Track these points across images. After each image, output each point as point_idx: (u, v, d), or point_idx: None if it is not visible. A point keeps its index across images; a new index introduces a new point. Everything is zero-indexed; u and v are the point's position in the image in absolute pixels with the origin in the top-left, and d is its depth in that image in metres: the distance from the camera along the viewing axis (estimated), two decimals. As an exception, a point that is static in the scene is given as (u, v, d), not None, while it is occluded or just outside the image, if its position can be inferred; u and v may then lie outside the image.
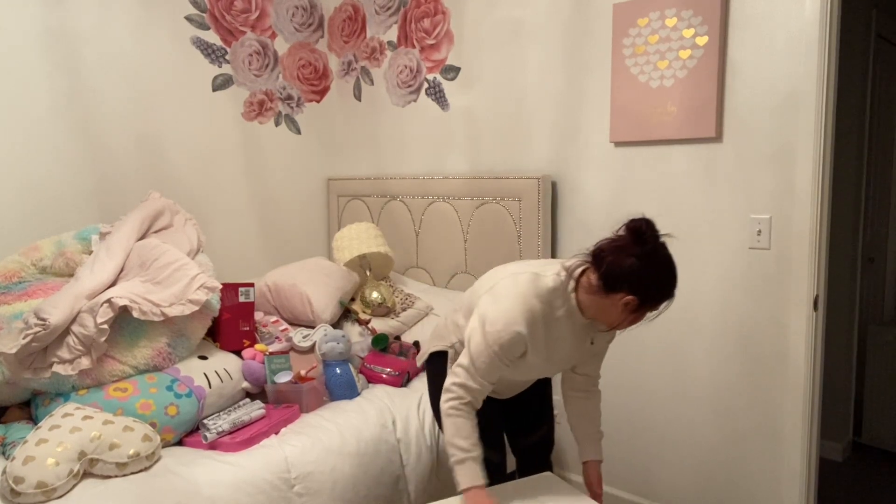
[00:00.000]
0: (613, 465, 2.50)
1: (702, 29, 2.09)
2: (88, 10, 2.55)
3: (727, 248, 2.14)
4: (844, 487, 2.80)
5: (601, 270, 1.45)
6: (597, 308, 1.51)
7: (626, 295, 1.43)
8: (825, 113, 1.93)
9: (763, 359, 2.09)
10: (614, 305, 1.46)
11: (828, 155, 1.96)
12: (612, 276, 1.44)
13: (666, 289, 1.48)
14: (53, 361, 1.81)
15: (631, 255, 1.43)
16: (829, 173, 1.99)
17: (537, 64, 2.56)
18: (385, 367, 2.32)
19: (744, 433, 2.16)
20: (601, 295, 1.47)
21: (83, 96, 2.56)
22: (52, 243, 2.27)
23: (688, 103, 2.14)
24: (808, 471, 2.05)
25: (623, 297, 1.44)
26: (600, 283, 1.46)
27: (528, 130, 2.62)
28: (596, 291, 1.48)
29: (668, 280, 1.47)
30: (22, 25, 2.38)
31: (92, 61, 2.58)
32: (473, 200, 2.74)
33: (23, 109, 2.41)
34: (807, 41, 1.92)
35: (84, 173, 2.58)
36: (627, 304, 1.44)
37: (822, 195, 1.96)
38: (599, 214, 2.44)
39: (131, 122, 2.69)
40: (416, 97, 3.03)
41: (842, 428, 3.08)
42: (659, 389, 2.34)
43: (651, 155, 2.28)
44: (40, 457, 1.56)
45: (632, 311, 1.46)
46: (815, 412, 2.04)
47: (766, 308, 2.08)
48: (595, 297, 1.49)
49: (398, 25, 3.06)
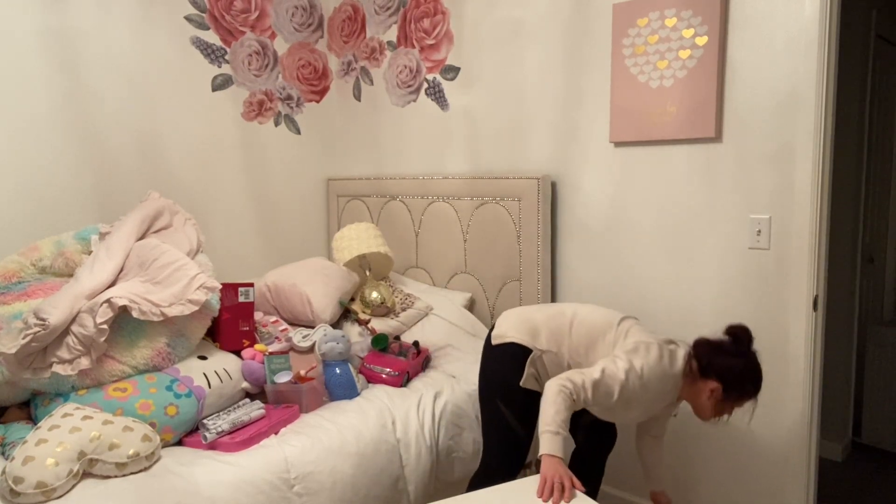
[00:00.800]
0: (613, 465, 2.50)
1: (701, 29, 2.09)
2: (88, 9, 2.55)
3: (727, 248, 2.14)
4: (844, 487, 2.80)
5: (701, 362, 1.69)
6: (688, 390, 1.73)
7: (714, 382, 1.66)
8: (825, 113, 1.93)
9: (763, 359, 2.09)
10: (702, 391, 1.68)
11: (827, 155, 1.96)
12: (710, 365, 1.67)
13: (749, 388, 1.67)
14: (53, 361, 1.81)
15: (730, 353, 1.67)
16: (829, 173, 1.99)
17: (537, 64, 2.56)
18: (385, 367, 2.32)
19: (743, 432, 2.16)
20: (695, 377, 1.70)
21: (82, 96, 2.56)
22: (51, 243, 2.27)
23: (687, 103, 2.14)
24: (808, 470, 2.05)
25: (711, 383, 1.66)
26: (698, 369, 1.69)
27: (528, 130, 2.62)
28: (691, 374, 1.71)
29: (753, 380, 1.67)
30: (21, 25, 2.38)
31: (91, 61, 2.58)
32: (473, 200, 2.74)
33: (22, 109, 2.41)
34: (806, 41, 1.92)
35: (83, 173, 2.58)
36: (713, 392, 1.66)
37: (822, 195, 1.96)
38: (599, 214, 2.44)
39: (131, 122, 2.69)
40: (416, 97, 3.03)
41: (841, 428, 3.08)
42: (659, 389, 2.34)
43: (651, 155, 2.29)
44: (40, 457, 1.56)
45: (717, 400, 1.67)
46: (814, 412, 2.04)
47: (765, 308, 2.08)
48: (689, 379, 1.72)
49: (398, 25, 3.06)
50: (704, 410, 1.71)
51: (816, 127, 1.93)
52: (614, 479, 2.50)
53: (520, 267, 2.60)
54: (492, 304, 2.73)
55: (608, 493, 2.50)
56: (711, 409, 1.69)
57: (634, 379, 1.65)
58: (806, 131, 1.94)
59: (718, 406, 1.69)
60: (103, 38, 2.60)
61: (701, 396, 1.69)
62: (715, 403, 1.68)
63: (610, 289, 2.44)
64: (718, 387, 1.65)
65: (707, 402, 1.68)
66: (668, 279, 2.28)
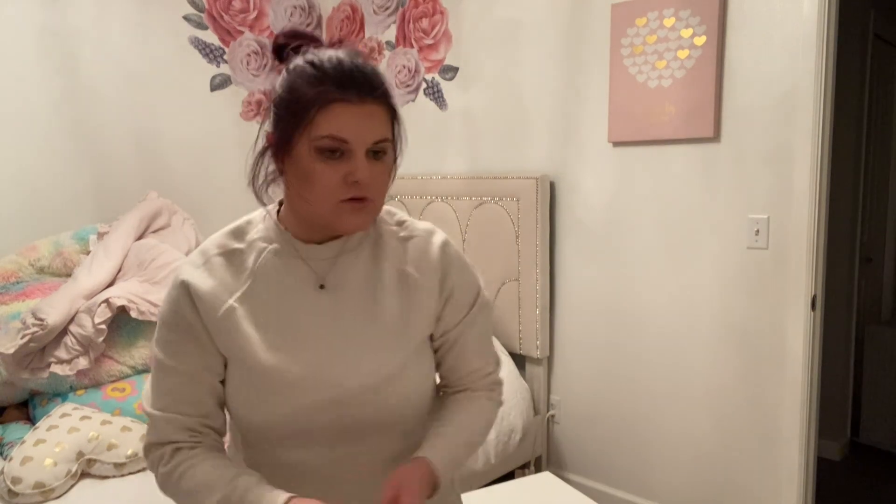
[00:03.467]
0: (612, 465, 2.50)
1: (700, 29, 2.09)
2: (86, 9, 2.55)
3: (725, 248, 2.14)
4: (842, 487, 2.80)
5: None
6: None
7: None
8: (823, 113, 1.93)
9: (761, 358, 2.10)
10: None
11: (825, 155, 1.96)
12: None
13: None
14: (51, 361, 1.81)
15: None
16: (827, 173, 1.99)
17: (535, 64, 2.56)
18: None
19: (742, 433, 2.16)
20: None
21: (81, 96, 2.56)
22: (49, 243, 2.27)
23: (686, 103, 2.14)
24: (806, 470, 2.06)
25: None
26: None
27: (527, 130, 2.62)
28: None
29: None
30: (19, 24, 2.38)
31: (90, 61, 2.57)
32: (472, 200, 2.74)
33: (20, 109, 2.40)
34: (805, 41, 1.92)
35: (82, 173, 2.57)
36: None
37: (820, 195, 1.96)
38: (597, 214, 2.44)
39: (129, 122, 2.69)
40: (415, 97, 3.03)
41: (839, 428, 3.08)
42: (657, 389, 2.34)
43: (649, 155, 2.29)
44: (38, 457, 1.55)
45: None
46: (812, 412, 2.05)
47: (763, 308, 2.08)
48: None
49: (396, 25, 3.06)
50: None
51: (815, 127, 1.93)
52: (614, 479, 2.50)
53: (518, 267, 2.60)
54: (490, 304, 2.73)
55: (608, 493, 2.50)
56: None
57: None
58: (804, 131, 1.95)
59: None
60: (102, 38, 2.60)
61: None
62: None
63: (608, 288, 2.44)
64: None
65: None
66: (667, 279, 2.28)
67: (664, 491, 2.36)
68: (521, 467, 2.58)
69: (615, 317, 2.43)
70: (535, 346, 2.58)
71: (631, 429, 2.43)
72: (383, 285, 0.98)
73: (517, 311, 2.62)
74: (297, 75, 0.87)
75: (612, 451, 2.49)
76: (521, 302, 2.60)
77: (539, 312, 2.55)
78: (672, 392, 2.31)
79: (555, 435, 2.67)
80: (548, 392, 2.66)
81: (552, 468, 2.67)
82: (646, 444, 2.40)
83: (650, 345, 2.35)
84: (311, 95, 0.85)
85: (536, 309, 2.55)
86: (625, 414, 2.44)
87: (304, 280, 0.95)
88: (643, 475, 2.42)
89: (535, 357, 2.60)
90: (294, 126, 0.86)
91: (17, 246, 2.33)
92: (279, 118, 0.88)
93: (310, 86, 0.85)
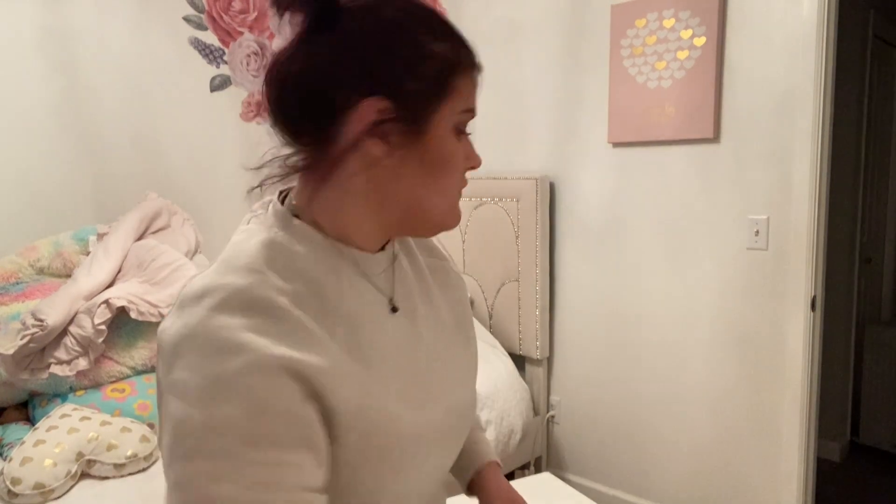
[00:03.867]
0: (612, 465, 2.50)
1: (699, 30, 2.09)
2: (85, 9, 2.55)
3: (725, 248, 2.14)
4: (842, 487, 2.80)
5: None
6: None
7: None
8: (822, 113, 1.93)
9: (761, 359, 2.10)
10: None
11: (825, 155, 1.97)
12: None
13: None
14: (51, 362, 1.81)
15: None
16: (827, 173, 1.99)
17: (535, 64, 2.56)
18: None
19: (741, 433, 2.16)
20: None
21: (80, 96, 2.55)
22: (49, 244, 2.27)
23: (685, 104, 2.14)
24: (806, 471, 2.06)
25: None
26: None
27: (526, 131, 2.62)
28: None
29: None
30: (18, 25, 2.38)
31: (88, 61, 2.57)
32: (471, 201, 2.74)
33: (19, 109, 2.40)
34: (804, 42, 1.92)
35: (81, 174, 2.57)
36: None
37: (820, 195, 1.96)
38: (597, 215, 2.44)
39: (128, 123, 2.69)
40: (415, 98, 3.03)
41: (839, 428, 3.08)
42: (656, 390, 2.34)
43: (649, 155, 2.29)
44: (38, 458, 1.55)
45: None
46: (812, 412, 2.05)
47: (763, 308, 2.08)
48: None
49: (396, 26, 3.05)
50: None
51: (814, 127, 1.93)
52: (614, 480, 2.50)
53: (518, 267, 2.60)
54: (490, 305, 2.73)
55: (608, 494, 2.50)
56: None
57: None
58: (804, 132, 1.95)
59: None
60: (101, 39, 2.60)
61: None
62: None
63: (608, 289, 2.44)
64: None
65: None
66: (666, 279, 2.28)
67: (663, 491, 2.36)
68: (521, 468, 2.58)
69: (615, 317, 2.43)
70: (535, 347, 2.58)
71: (631, 429, 2.43)
72: (428, 286, 0.79)
73: (517, 311, 2.62)
74: (419, 23, 0.64)
75: (611, 451, 2.49)
76: (521, 302, 2.60)
77: (539, 313, 2.55)
78: (672, 392, 2.31)
79: (555, 436, 2.67)
80: (547, 393, 2.66)
81: (552, 469, 2.67)
82: (645, 445, 2.40)
83: (650, 345, 2.35)
84: (456, 59, 0.65)
85: (536, 309, 2.55)
86: (624, 414, 2.44)
87: (374, 303, 0.69)
88: (643, 476, 2.42)
89: (535, 358, 2.60)
90: (436, 94, 0.64)
91: (16, 246, 2.33)
92: (403, 81, 0.62)
93: (447, 44, 0.65)
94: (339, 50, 0.62)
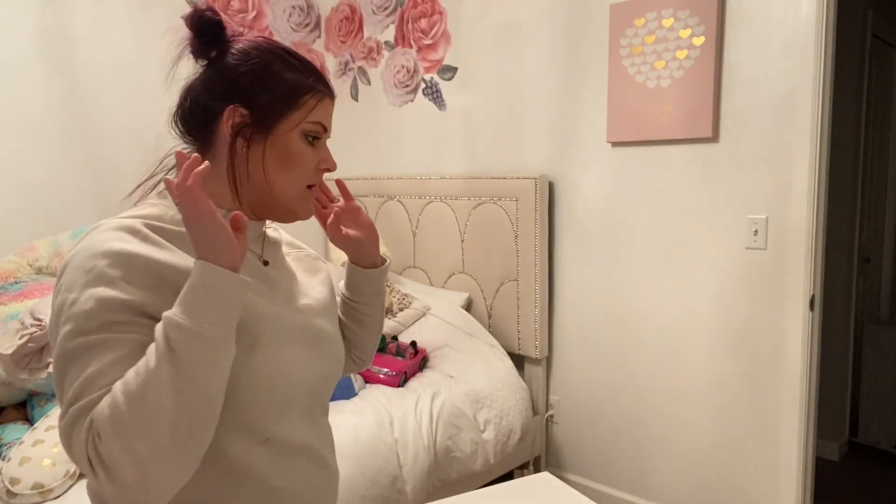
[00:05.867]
0: (611, 465, 2.50)
1: (698, 29, 2.09)
2: (84, 9, 2.54)
3: (724, 248, 2.14)
4: (841, 487, 2.80)
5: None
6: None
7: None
8: (821, 113, 1.93)
9: (759, 359, 2.10)
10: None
11: (824, 155, 1.97)
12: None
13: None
14: (49, 362, 1.80)
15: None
16: (826, 173, 2.00)
17: (534, 64, 2.57)
18: (382, 367, 2.32)
19: (740, 433, 2.16)
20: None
21: (79, 96, 2.55)
22: (48, 243, 2.26)
23: (684, 103, 2.14)
24: (805, 470, 2.06)
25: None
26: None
27: (525, 130, 2.63)
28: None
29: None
30: (17, 25, 2.38)
31: (89, 61, 2.57)
32: (470, 200, 2.74)
33: (19, 109, 2.40)
34: (803, 41, 1.93)
35: (80, 174, 2.57)
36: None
37: (819, 195, 1.97)
38: (596, 214, 2.44)
39: (128, 122, 2.68)
40: (414, 97, 3.03)
41: (838, 427, 3.08)
42: (656, 389, 2.35)
43: (648, 155, 2.29)
44: (36, 458, 1.55)
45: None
46: (811, 412, 2.05)
47: (762, 308, 2.08)
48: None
49: (395, 25, 3.06)
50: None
51: (813, 127, 1.93)
52: (613, 479, 2.50)
53: (517, 267, 2.60)
54: (489, 305, 2.73)
55: (607, 494, 2.51)
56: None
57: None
58: (802, 131, 1.95)
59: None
60: (100, 38, 2.60)
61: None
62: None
63: (607, 288, 2.44)
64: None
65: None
66: (665, 279, 2.28)
67: (663, 491, 2.37)
68: (520, 467, 2.58)
69: (614, 317, 2.43)
70: (534, 347, 2.58)
71: (630, 429, 2.44)
72: (290, 261, 1.04)
73: (516, 311, 2.62)
74: (275, 59, 0.89)
75: (611, 451, 2.49)
76: (520, 302, 2.60)
77: (538, 312, 2.55)
78: (671, 392, 2.31)
79: (554, 435, 2.68)
80: (547, 392, 2.66)
81: (551, 468, 2.67)
82: (645, 444, 2.40)
83: (649, 345, 2.35)
84: (304, 84, 0.89)
85: (535, 309, 2.56)
86: (624, 414, 2.44)
87: (248, 255, 0.93)
88: (642, 475, 2.42)
89: (534, 357, 2.60)
90: (285, 107, 0.87)
91: (15, 246, 2.33)
92: (254, 95, 0.87)
93: (298, 74, 0.89)
94: (218, 76, 0.89)
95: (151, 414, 0.68)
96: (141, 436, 0.68)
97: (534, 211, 2.51)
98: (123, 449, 0.68)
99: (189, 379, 0.70)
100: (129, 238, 0.79)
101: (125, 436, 0.68)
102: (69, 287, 0.75)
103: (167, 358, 0.69)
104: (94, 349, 0.72)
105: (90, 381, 0.71)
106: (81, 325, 0.73)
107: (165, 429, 0.69)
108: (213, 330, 0.71)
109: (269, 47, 0.90)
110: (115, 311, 0.74)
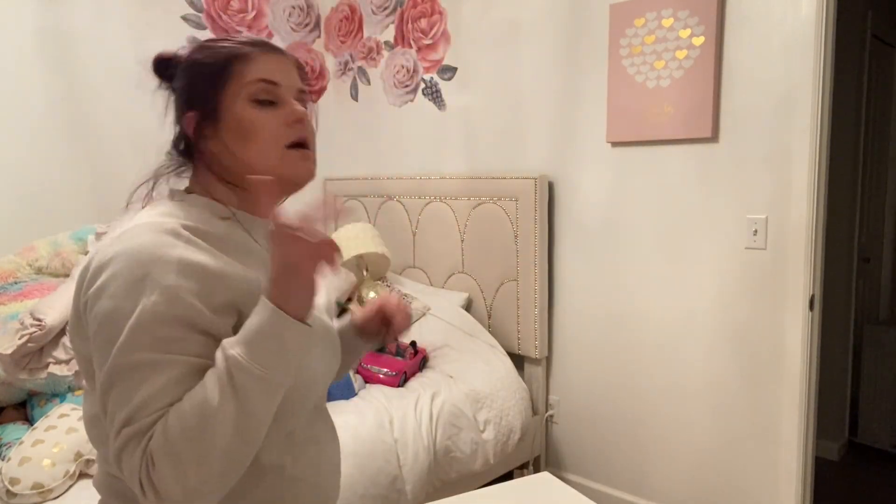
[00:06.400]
0: (610, 465, 2.50)
1: (698, 29, 2.09)
2: (84, 9, 2.54)
3: (723, 248, 2.14)
4: (840, 487, 2.80)
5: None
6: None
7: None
8: (821, 113, 1.93)
9: (759, 358, 2.10)
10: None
11: (823, 155, 1.97)
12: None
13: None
14: (49, 362, 1.81)
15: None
16: (825, 173, 2.00)
17: (534, 64, 2.57)
18: (382, 367, 2.32)
19: (740, 433, 2.16)
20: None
21: (79, 96, 2.55)
22: (47, 243, 2.26)
23: (684, 103, 2.14)
24: (804, 470, 2.06)
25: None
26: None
27: (525, 130, 2.62)
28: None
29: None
30: (17, 25, 2.37)
31: (88, 61, 2.57)
32: (470, 200, 2.74)
33: (18, 109, 2.40)
34: (803, 41, 1.93)
35: (80, 173, 2.57)
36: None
37: (818, 195, 1.97)
38: (596, 214, 2.44)
39: (128, 122, 2.68)
40: (413, 97, 3.03)
41: (838, 427, 3.08)
42: (655, 389, 2.35)
43: (647, 155, 2.29)
44: (36, 458, 1.55)
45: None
46: (811, 411, 2.05)
47: (762, 308, 2.08)
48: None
49: (395, 25, 3.06)
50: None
51: (813, 127, 1.93)
52: (613, 479, 2.50)
53: (517, 267, 2.60)
54: (489, 305, 2.73)
55: (607, 493, 2.51)
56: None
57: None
58: (802, 131, 1.95)
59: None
60: (100, 38, 2.59)
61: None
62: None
63: (607, 288, 2.44)
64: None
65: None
66: (665, 279, 2.29)
67: (663, 491, 2.37)
68: (520, 467, 2.58)
69: (614, 317, 2.43)
70: (534, 347, 2.58)
71: (629, 429, 2.44)
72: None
73: (516, 311, 2.62)
74: (195, 51, 0.90)
75: (610, 451, 2.49)
76: (520, 302, 2.60)
77: (538, 312, 2.55)
78: (671, 392, 2.31)
79: (553, 435, 2.68)
80: (546, 392, 2.66)
81: (551, 468, 2.67)
82: (644, 445, 2.40)
83: (649, 345, 2.35)
84: (224, 53, 0.87)
85: (535, 309, 2.56)
86: (623, 414, 2.44)
87: (257, 252, 0.89)
88: (642, 475, 2.42)
89: (534, 357, 2.60)
90: (216, 83, 0.86)
91: (15, 246, 2.32)
92: (193, 93, 0.89)
93: (217, 50, 0.88)
94: (174, 98, 0.94)
95: (207, 447, 0.70)
96: (195, 466, 0.70)
97: (533, 211, 2.51)
98: (177, 477, 0.69)
99: (250, 419, 0.71)
100: (173, 242, 0.78)
101: (179, 465, 0.69)
102: (114, 294, 0.74)
103: (231, 397, 0.70)
104: (147, 368, 0.72)
105: (144, 404, 0.71)
106: (135, 338, 0.72)
107: (219, 460, 0.71)
108: (280, 377, 0.73)
109: (193, 46, 0.91)
110: (168, 326, 0.73)
